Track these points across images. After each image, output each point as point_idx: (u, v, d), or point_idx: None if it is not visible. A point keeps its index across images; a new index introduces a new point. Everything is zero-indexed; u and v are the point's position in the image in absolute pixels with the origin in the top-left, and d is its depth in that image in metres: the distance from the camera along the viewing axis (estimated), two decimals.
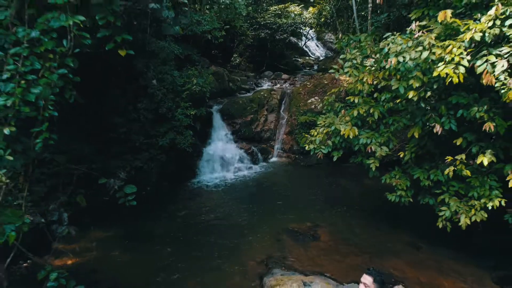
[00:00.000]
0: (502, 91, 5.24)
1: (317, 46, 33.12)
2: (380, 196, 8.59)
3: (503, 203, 6.31)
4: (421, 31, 6.32)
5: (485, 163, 6.07)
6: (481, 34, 5.49)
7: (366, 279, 3.86)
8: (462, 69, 5.49)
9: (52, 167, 4.84)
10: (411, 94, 6.31)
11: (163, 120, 11.77)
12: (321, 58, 29.38)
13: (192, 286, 7.22)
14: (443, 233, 7.30)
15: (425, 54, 5.94)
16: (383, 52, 6.55)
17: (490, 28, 5.50)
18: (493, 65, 5.42)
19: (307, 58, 29.60)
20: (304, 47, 30.43)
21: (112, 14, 3.51)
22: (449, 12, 5.93)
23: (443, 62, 5.64)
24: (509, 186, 6.08)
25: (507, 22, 5.42)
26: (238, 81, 18.39)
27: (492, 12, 5.54)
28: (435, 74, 5.71)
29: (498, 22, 5.50)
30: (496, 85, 5.33)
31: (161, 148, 11.64)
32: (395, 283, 7.32)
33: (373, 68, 7.50)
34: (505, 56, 5.40)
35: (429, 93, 6.32)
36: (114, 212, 8.50)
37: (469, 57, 5.62)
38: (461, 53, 5.59)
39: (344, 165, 12.49)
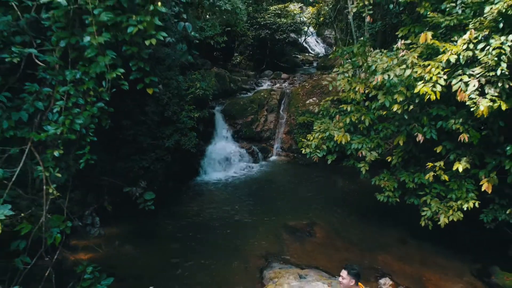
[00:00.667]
0: (472, 109, 5.95)
1: (317, 42, 33.51)
2: (373, 195, 9.22)
3: (477, 205, 7.04)
4: (405, 50, 7.00)
5: (460, 169, 6.80)
6: (456, 56, 6.17)
7: (343, 272, 4.67)
8: (439, 87, 6.19)
9: (84, 178, 5.57)
10: (395, 107, 7.01)
11: (168, 123, 12.43)
12: (321, 55, 29.87)
13: (197, 279, 7.90)
14: (429, 230, 7.96)
15: (408, 71, 6.63)
16: (371, 69, 7.24)
17: (464, 50, 6.17)
18: (466, 84, 6.11)
19: (307, 54, 30.10)
20: (304, 43, 30.91)
21: (142, 60, 4.26)
22: (429, 34, 6.61)
23: (422, 81, 6.33)
24: (482, 189, 6.81)
25: (479, 46, 6.11)
26: (239, 81, 19.01)
27: (466, 36, 6.22)
28: (416, 90, 6.41)
29: (471, 46, 6.18)
30: (467, 103, 6.02)
31: (166, 149, 12.30)
32: (383, 275, 8.07)
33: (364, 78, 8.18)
34: (477, 76, 6.09)
35: (411, 107, 7.01)
36: (123, 211, 9.16)
37: (445, 76, 6.30)
38: (439, 73, 6.28)
39: (340, 164, 13.19)
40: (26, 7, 4.03)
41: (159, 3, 3.76)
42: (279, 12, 23.75)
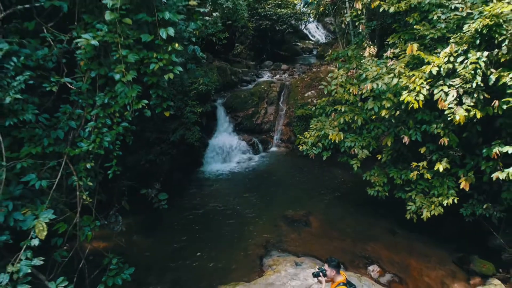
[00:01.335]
0: (449, 118, 6.63)
1: (317, 28, 33.59)
2: (366, 187, 9.83)
3: (455, 201, 7.77)
4: (393, 59, 7.63)
5: (441, 169, 7.51)
6: (437, 68, 6.80)
7: (325, 266, 5.36)
8: (421, 97, 6.84)
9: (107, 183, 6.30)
10: (383, 113, 7.68)
11: (173, 118, 13.02)
12: (321, 42, 30.05)
13: (201, 267, 8.61)
14: (417, 222, 8.62)
15: (395, 80, 7.28)
16: (361, 77, 7.88)
17: (445, 63, 6.80)
18: (446, 94, 6.76)
19: (307, 42, 30.30)
20: (304, 29, 31.11)
21: (160, 89, 4.94)
22: (415, 46, 7.23)
23: (407, 90, 6.98)
24: (461, 187, 7.54)
25: (459, 59, 6.73)
26: (239, 73, 19.46)
27: (447, 49, 6.84)
28: (401, 99, 7.06)
29: (452, 58, 6.80)
30: (446, 112, 6.69)
31: (171, 143, 12.97)
32: (372, 263, 8.85)
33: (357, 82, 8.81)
34: (456, 86, 6.73)
35: (398, 112, 7.68)
36: (133, 204, 9.79)
37: (428, 86, 6.95)
38: (422, 83, 6.92)
39: (336, 156, 13.85)
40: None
41: (176, 44, 4.42)
42: (279, 2, 24.00)
